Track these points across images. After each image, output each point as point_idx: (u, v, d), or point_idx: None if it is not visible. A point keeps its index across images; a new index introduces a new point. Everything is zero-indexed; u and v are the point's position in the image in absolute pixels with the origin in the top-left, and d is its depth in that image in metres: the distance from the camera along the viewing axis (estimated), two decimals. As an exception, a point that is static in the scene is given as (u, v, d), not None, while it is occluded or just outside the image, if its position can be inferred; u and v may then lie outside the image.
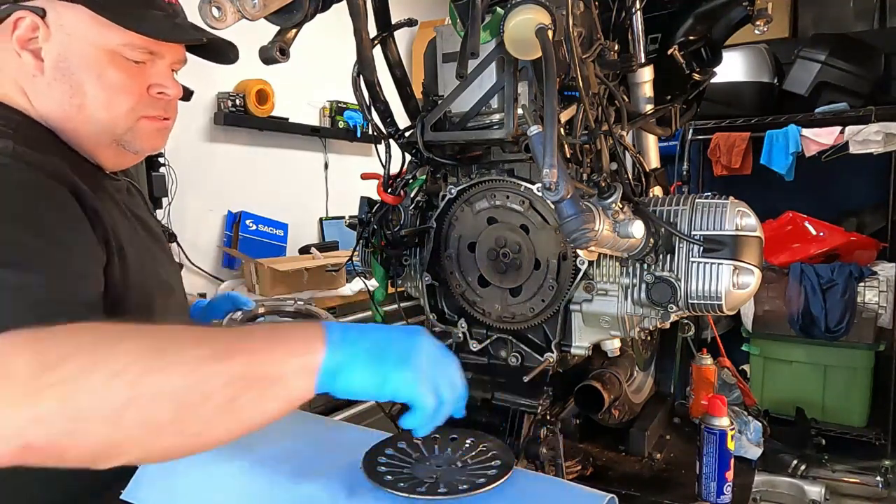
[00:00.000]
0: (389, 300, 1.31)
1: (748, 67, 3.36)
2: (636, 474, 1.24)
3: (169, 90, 0.98)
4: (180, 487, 0.90)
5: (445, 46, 1.08)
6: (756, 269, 0.99)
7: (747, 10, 1.31)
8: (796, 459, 2.80)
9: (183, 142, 3.07)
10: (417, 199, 1.22)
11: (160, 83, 0.98)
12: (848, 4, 3.76)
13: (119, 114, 0.94)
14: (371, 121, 1.12)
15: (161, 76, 0.98)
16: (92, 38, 0.91)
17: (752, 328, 3.37)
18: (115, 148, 0.98)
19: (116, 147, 0.97)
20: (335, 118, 3.86)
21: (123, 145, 0.97)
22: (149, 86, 0.97)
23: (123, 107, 0.94)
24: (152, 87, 0.97)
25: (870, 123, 3.01)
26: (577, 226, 0.83)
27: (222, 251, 3.27)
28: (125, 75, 0.93)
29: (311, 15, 0.86)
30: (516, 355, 1.19)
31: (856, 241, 3.23)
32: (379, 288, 1.28)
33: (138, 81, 0.95)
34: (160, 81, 0.98)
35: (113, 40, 0.91)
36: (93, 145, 0.96)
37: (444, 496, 0.78)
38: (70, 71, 0.91)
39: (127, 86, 0.94)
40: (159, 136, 1.02)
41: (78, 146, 0.96)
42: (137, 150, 1.00)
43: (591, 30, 1.05)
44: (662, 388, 1.52)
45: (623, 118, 1.14)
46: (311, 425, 1.06)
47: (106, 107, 0.93)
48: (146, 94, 0.96)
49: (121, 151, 0.98)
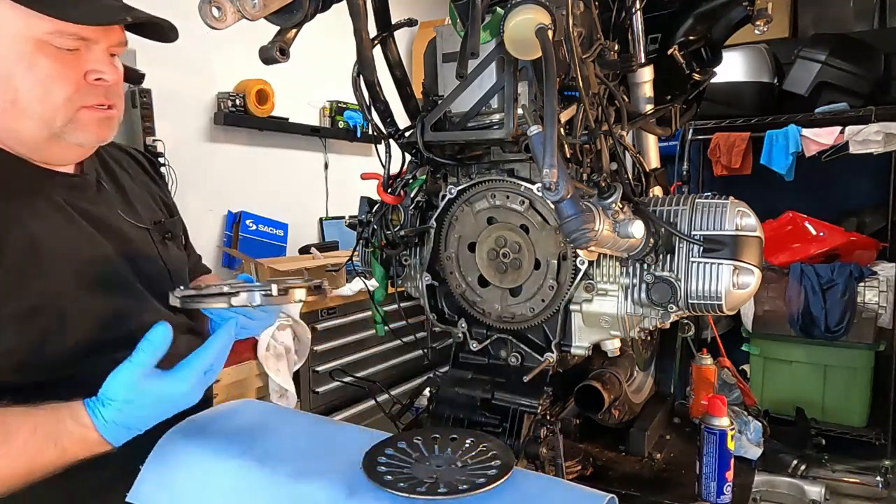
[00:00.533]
0: (389, 300, 1.31)
1: (748, 67, 3.36)
2: (636, 474, 1.24)
3: (107, 75, 0.94)
4: (183, 488, 0.90)
5: (445, 46, 1.08)
6: (756, 269, 0.99)
7: (747, 10, 1.31)
8: (796, 459, 2.80)
9: (183, 142, 3.07)
10: (417, 199, 1.22)
11: (96, 69, 0.93)
12: (848, 4, 3.77)
13: (56, 105, 0.90)
14: (371, 121, 1.12)
15: (97, 62, 0.93)
16: (16, 30, 0.87)
17: (752, 328, 3.37)
18: (56, 142, 0.94)
19: (58, 141, 0.93)
20: (335, 118, 3.86)
21: (66, 138, 0.93)
22: (85, 73, 0.92)
23: (59, 97, 0.90)
24: (89, 74, 0.92)
25: (870, 123, 3.01)
26: (577, 226, 0.83)
27: (222, 251, 3.28)
28: (58, 64, 0.89)
29: (311, 15, 0.86)
30: (516, 355, 1.19)
31: (856, 241, 3.23)
32: (379, 288, 1.28)
33: (73, 69, 0.91)
34: (96, 67, 0.93)
35: (39, 29, 0.87)
36: (33, 142, 0.93)
37: (444, 496, 0.78)
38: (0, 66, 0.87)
39: (61, 75, 0.89)
40: (104, 126, 0.97)
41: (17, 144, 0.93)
42: (81, 142, 0.96)
43: (591, 30, 1.05)
44: (662, 388, 1.52)
45: (623, 118, 1.14)
46: (311, 425, 1.06)
47: (41, 100, 0.89)
48: (84, 82, 0.92)
49: (64, 145, 0.94)
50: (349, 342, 3.14)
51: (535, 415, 1.10)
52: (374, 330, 1.41)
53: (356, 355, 3.18)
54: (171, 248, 1.14)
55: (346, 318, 3.12)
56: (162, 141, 2.85)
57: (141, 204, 1.13)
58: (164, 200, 1.24)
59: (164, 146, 2.85)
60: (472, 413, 1.15)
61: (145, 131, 2.81)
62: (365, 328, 3.19)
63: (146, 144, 2.80)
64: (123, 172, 1.15)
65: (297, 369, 2.86)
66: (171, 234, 1.14)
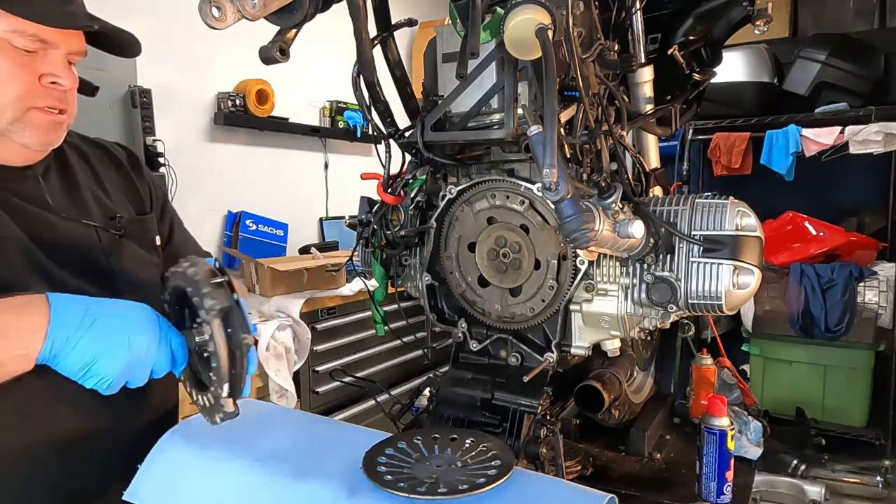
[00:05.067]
0: (389, 300, 1.31)
1: (748, 67, 3.36)
2: (636, 474, 1.24)
3: (63, 80, 0.94)
4: (182, 487, 0.90)
5: (445, 46, 1.08)
6: (756, 269, 0.99)
7: (747, 10, 1.31)
8: (796, 459, 2.80)
9: (183, 142, 3.07)
10: (417, 199, 1.22)
11: (53, 73, 0.93)
12: (848, 4, 3.77)
13: (5, 103, 0.90)
14: (371, 121, 1.11)
15: (54, 66, 0.93)
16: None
17: (752, 328, 3.37)
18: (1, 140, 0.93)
19: (3, 139, 0.93)
20: (335, 118, 3.86)
21: (11, 136, 0.93)
22: (40, 75, 0.92)
23: (9, 96, 0.90)
24: (44, 77, 0.93)
25: (870, 123, 3.01)
26: (577, 226, 0.83)
27: (222, 251, 3.28)
28: (12, 63, 0.90)
29: (311, 15, 0.86)
30: (516, 355, 1.19)
31: (856, 241, 3.23)
32: (379, 288, 1.28)
33: (28, 70, 0.91)
34: (53, 71, 0.93)
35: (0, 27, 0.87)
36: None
37: (444, 496, 0.78)
38: None
39: (14, 74, 0.90)
40: (53, 129, 0.97)
41: None
42: (27, 142, 0.95)
43: (591, 30, 1.05)
44: (662, 388, 1.52)
45: (623, 118, 1.14)
46: (311, 425, 1.06)
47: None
48: (37, 84, 0.92)
49: (8, 144, 0.94)
50: (349, 342, 3.14)
51: (535, 415, 1.10)
52: (373, 330, 1.41)
53: (356, 355, 3.18)
54: (126, 246, 1.10)
55: (345, 318, 3.12)
56: (162, 141, 2.85)
57: (95, 201, 1.09)
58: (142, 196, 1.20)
59: (164, 146, 2.85)
60: (472, 413, 1.15)
61: (145, 131, 2.81)
62: (365, 328, 3.19)
63: (146, 144, 2.80)
64: (85, 168, 1.12)
65: (297, 369, 2.86)
66: (125, 231, 1.10)
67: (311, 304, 2.94)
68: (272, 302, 2.87)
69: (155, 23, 2.77)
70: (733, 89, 3.35)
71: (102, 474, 1.00)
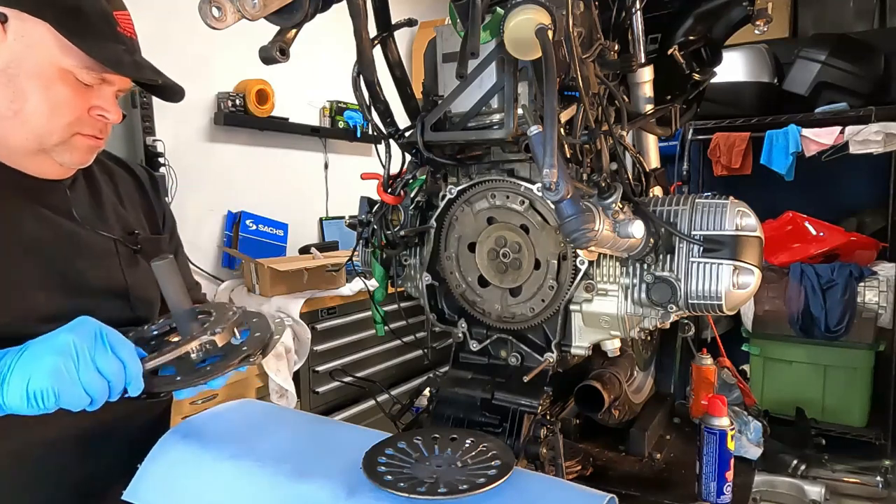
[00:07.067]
0: (389, 300, 1.31)
1: (748, 67, 3.36)
2: (636, 474, 1.24)
3: (110, 115, 1.00)
4: (181, 487, 0.90)
5: (445, 46, 1.08)
6: (756, 269, 0.99)
7: (747, 10, 1.31)
8: (796, 459, 2.80)
9: (183, 142, 3.07)
10: (417, 199, 1.22)
11: (103, 106, 0.98)
12: (848, 4, 3.77)
13: (56, 126, 0.95)
14: (371, 121, 1.11)
15: (105, 100, 0.99)
16: (51, 56, 0.92)
17: (752, 328, 3.37)
18: (42, 156, 0.98)
19: (44, 156, 0.98)
20: (335, 118, 3.86)
21: (52, 155, 0.98)
22: (91, 107, 0.98)
23: (62, 121, 0.95)
24: (94, 109, 0.98)
25: (870, 123, 3.01)
26: (577, 226, 0.83)
27: (222, 251, 3.27)
28: (72, 93, 0.95)
29: (311, 15, 0.86)
30: (516, 355, 1.19)
31: (856, 241, 3.23)
32: (379, 288, 1.28)
33: (82, 101, 0.96)
34: (103, 105, 0.98)
35: (70, 61, 0.92)
36: (20, 150, 0.97)
37: (444, 496, 0.78)
38: (17, 77, 0.91)
39: (71, 103, 0.95)
40: (89, 152, 1.03)
41: None
42: (64, 161, 1.00)
43: (591, 30, 1.05)
44: (662, 388, 1.52)
45: (623, 118, 1.14)
46: (311, 425, 1.06)
47: (45, 116, 0.94)
48: (86, 114, 0.97)
49: (47, 161, 0.99)
50: (349, 342, 3.14)
51: (535, 415, 1.10)
52: (373, 330, 1.41)
53: (356, 355, 3.18)
54: (140, 262, 1.13)
55: (345, 318, 3.12)
56: (162, 141, 2.85)
57: (116, 215, 1.13)
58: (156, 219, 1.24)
59: (164, 146, 2.85)
60: (472, 413, 1.15)
61: (145, 131, 2.81)
62: (365, 328, 3.19)
63: (146, 144, 2.80)
64: (109, 184, 1.17)
65: (297, 369, 2.87)
66: (141, 247, 1.13)
67: (311, 304, 2.94)
68: (272, 302, 2.88)
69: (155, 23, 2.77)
70: (733, 89, 3.35)
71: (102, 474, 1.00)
